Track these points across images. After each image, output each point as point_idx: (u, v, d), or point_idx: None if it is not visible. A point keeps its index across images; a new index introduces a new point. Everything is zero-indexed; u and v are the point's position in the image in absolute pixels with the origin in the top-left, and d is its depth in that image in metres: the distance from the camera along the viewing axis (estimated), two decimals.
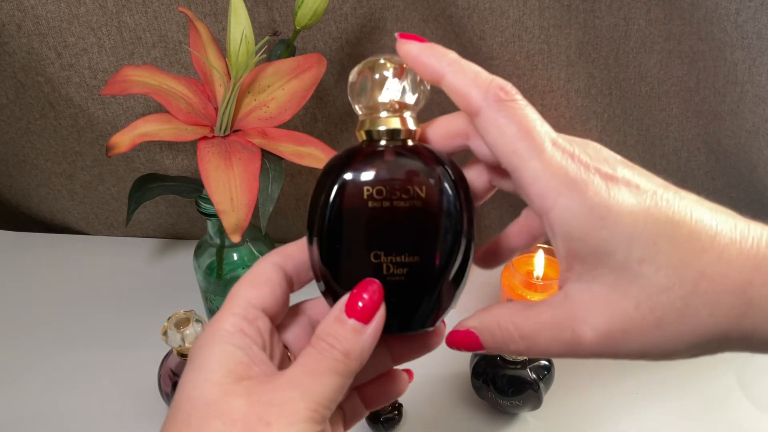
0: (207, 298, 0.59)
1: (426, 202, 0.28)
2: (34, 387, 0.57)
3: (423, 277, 0.29)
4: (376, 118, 0.29)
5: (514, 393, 0.50)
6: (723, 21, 0.53)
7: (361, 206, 0.28)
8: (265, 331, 0.28)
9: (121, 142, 0.46)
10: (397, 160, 0.28)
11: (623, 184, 0.25)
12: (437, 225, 0.28)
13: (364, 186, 0.28)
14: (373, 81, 0.29)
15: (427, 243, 0.28)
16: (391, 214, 0.28)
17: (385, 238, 0.28)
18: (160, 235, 0.76)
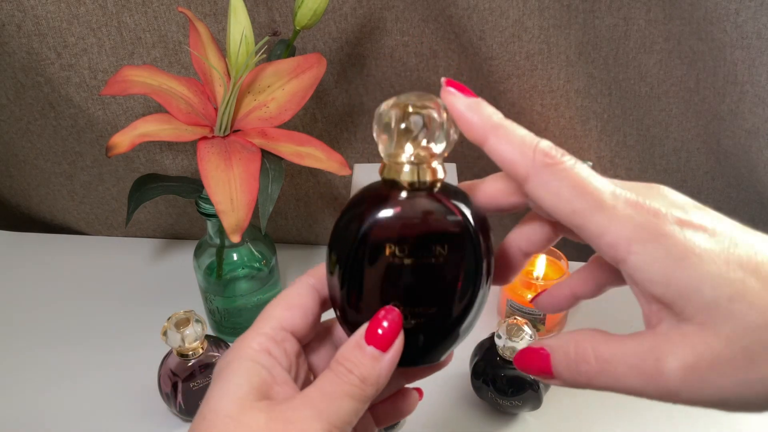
0: (207, 298, 0.59)
1: (447, 259, 0.28)
2: (34, 387, 0.57)
3: (439, 325, 0.29)
4: (401, 166, 0.28)
5: (514, 393, 0.50)
6: (723, 21, 0.53)
7: (382, 260, 0.28)
8: (291, 353, 0.29)
9: (120, 142, 0.46)
10: (420, 214, 0.28)
11: (699, 228, 0.25)
12: (456, 281, 0.28)
13: (386, 243, 0.27)
14: (400, 128, 0.28)
15: (446, 297, 0.29)
16: (413, 271, 0.28)
17: (404, 291, 0.28)
18: (160, 236, 0.76)
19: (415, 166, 0.28)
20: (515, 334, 0.49)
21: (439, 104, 0.28)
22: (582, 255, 0.75)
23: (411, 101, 0.28)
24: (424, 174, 0.28)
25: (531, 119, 0.63)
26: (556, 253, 0.60)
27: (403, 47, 0.62)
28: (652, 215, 0.24)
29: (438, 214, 0.28)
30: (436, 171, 0.28)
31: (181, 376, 0.50)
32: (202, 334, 0.50)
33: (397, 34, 0.61)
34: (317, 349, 0.32)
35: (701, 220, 0.25)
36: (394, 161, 0.28)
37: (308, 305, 0.30)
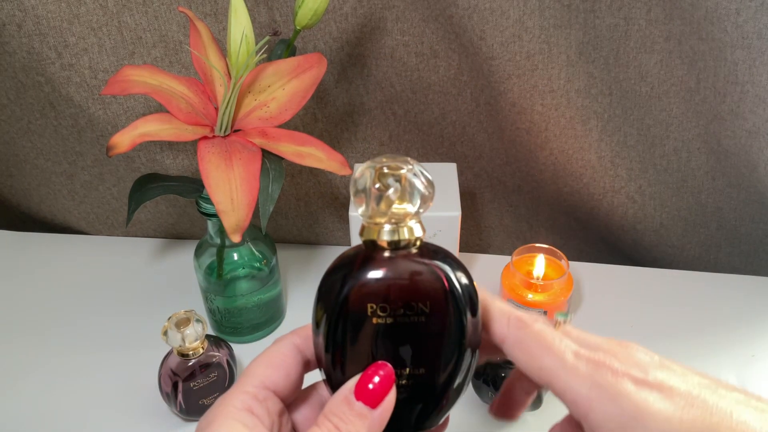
0: (207, 298, 0.59)
1: (430, 318, 0.28)
2: (34, 387, 0.57)
3: (428, 388, 0.29)
4: (380, 228, 0.29)
5: None
6: (723, 21, 0.53)
7: (366, 320, 0.28)
8: (274, 412, 0.29)
9: (121, 141, 0.46)
10: (401, 273, 0.28)
11: (655, 388, 0.26)
12: (441, 340, 0.28)
13: (368, 302, 0.28)
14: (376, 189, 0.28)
15: (432, 356, 0.28)
16: (395, 330, 0.28)
17: (388, 352, 0.28)
18: (161, 235, 0.76)
19: (393, 226, 0.28)
20: None
21: (413, 164, 0.29)
22: (582, 255, 0.76)
23: (384, 163, 0.28)
24: (403, 233, 0.28)
25: (531, 119, 0.63)
26: (557, 253, 0.60)
27: (403, 47, 0.62)
28: (611, 374, 0.26)
29: (418, 273, 0.28)
30: (413, 230, 0.29)
31: (182, 376, 0.50)
32: (202, 334, 0.50)
33: (398, 33, 0.61)
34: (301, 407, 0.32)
35: (660, 379, 0.26)
36: (372, 222, 0.29)
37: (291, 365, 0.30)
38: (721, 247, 0.70)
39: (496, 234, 0.77)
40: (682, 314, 0.63)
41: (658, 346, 0.60)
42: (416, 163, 0.29)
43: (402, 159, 0.29)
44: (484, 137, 0.68)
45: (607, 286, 0.67)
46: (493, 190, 0.73)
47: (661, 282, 0.67)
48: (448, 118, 0.67)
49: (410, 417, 0.29)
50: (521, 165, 0.69)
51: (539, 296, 0.58)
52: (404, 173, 0.28)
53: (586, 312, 0.64)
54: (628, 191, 0.68)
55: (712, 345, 0.60)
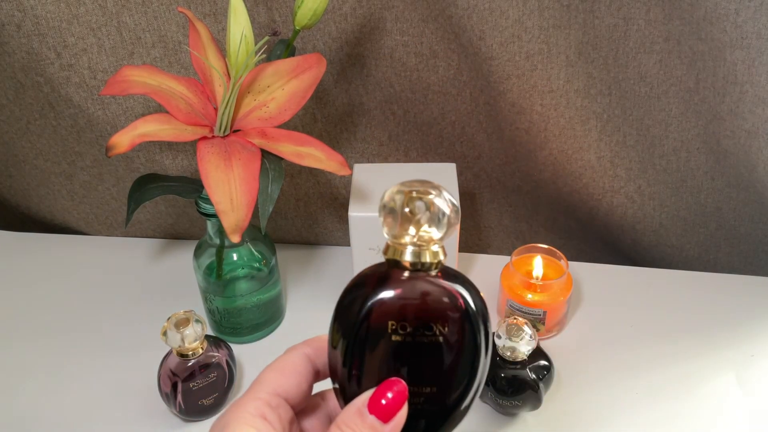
0: (206, 298, 0.59)
1: (447, 339, 0.29)
2: (34, 387, 0.57)
3: (438, 406, 0.30)
4: (404, 248, 0.30)
5: (514, 393, 0.50)
6: (722, 21, 0.53)
7: (384, 337, 0.29)
8: (285, 419, 0.30)
9: (120, 142, 0.46)
10: (422, 295, 0.29)
11: None
12: (457, 361, 0.30)
13: (389, 320, 0.29)
14: (404, 212, 0.30)
15: (445, 376, 0.30)
16: (413, 349, 0.29)
17: (404, 370, 0.29)
18: (160, 236, 0.76)
19: (417, 248, 0.30)
20: (515, 334, 0.49)
21: (441, 190, 0.30)
22: (581, 255, 0.76)
23: (415, 188, 0.30)
24: (425, 256, 0.30)
25: (531, 119, 0.63)
26: (556, 253, 0.60)
27: (402, 47, 0.62)
28: None
29: (438, 295, 0.29)
30: (437, 254, 0.30)
31: (181, 376, 0.50)
32: (201, 334, 0.50)
33: (397, 34, 0.61)
34: (310, 416, 0.33)
35: None
36: (397, 242, 0.30)
37: (302, 374, 0.31)
38: (720, 247, 0.70)
39: (495, 234, 0.77)
40: (682, 314, 0.63)
41: (657, 346, 0.60)
42: (444, 189, 0.30)
43: (432, 185, 0.30)
44: (484, 137, 0.68)
45: (606, 286, 0.67)
46: (493, 190, 0.73)
47: (660, 282, 0.67)
48: (447, 119, 0.67)
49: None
50: (520, 165, 0.69)
51: (539, 296, 0.58)
52: (433, 199, 0.30)
53: (586, 312, 0.64)
54: (627, 191, 0.68)
55: (711, 345, 0.60)
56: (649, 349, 0.59)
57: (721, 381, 0.56)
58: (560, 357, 0.58)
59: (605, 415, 0.54)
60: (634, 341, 0.60)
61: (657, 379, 0.57)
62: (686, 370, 0.57)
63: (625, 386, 0.56)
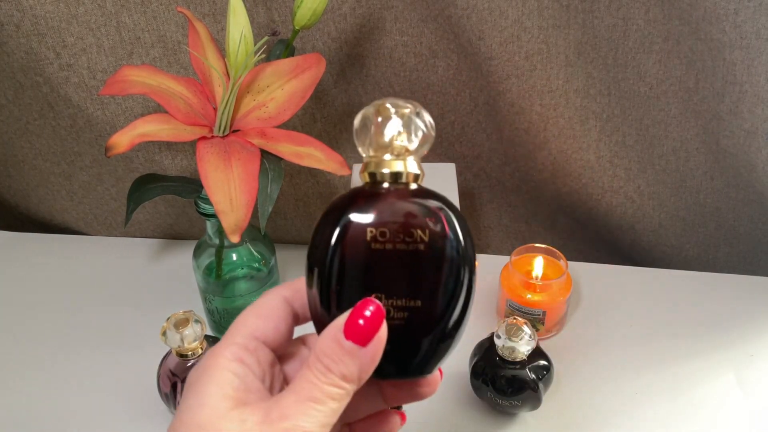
0: (206, 298, 0.59)
1: (429, 246, 0.28)
2: (34, 387, 0.57)
3: (423, 322, 0.29)
4: (380, 160, 0.29)
5: (513, 393, 0.50)
6: (722, 21, 0.53)
7: (363, 247, 0.28)
8: (264, 362, 0.29)
9: (120, 142, 0.45)
10: (400, 203, 0.28)
11: None
12: (440, 270, 0.28)
13: (367, 227, 0.28)
14: (377, 124, 0.29)
15: (429, 287, 0.28)
16: (394, 257, 0.28)
17: (386, 281, 0.28)
18: (159, 236, 0.76)
19: (394, 159, 0.29)
20: (515, 333, 0.49)
21: (415, 106, 0.30)
22: (581, 255, 0.76)
23: (389, 102, 0.29)
24: (402, 167, 0.29)
25: (530, 119, 0.63)
26: (556, 253, 0.60)
27: (402, 47, 0.62)
28: None
29: (419, 202, 0.29)
30: (414, 166, 0.30)
31: (181, 377, 0.50)
32: (201, 335, 0.50)
33: (396, 34, 0.61)
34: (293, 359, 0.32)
35: None
36: (371, 157, 0.30)
37: (280, 314, 0.30)
38: (719, 246, 0.71)
39: (494, 234, 0.77)
40: (681, 314, 0.63)
41: (657, 346, 0.60)
42: (418, 105, 0.30)
43: (407, 100, 0.30)
44: (483, 137, 0.68)
45: (605, 286, 0.67)
46: (492, 190, 0.73)
47: (659, 282, 0.67)
48: (446, 118, 0.67)
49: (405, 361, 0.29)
50: (520, 165, 0.69)
51: (538, 296, 0.58)
52: (407, 111, 0.29)
53: (585, 312, 0.64)
54: (626, 191, 0.68)
55: (710, 345, 0.60)
56: (648, 349, 0.59)
57: (720, 381, 0.56)
58: (560, 357, 0.58)
59: (605, 415, 0.54)
60: (633, 341, 0.60)
61: (656, 379, 0.57)
62: (686, 370, 0.57)
63: (625, 386, 0.56)
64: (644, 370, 0.57)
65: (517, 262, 0.61)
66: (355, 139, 0.30)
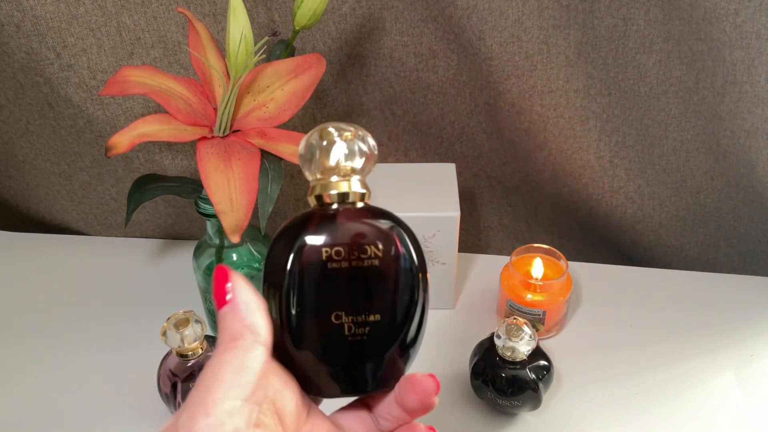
0: (206, 298, 0.59)
1: (383, 261, 0.29)
2: (34, 387, 0.57)
3: (385, 334, 0.30)
4: (327, 182, 0.30)
5: (514, 393, 0.50)
6: (722, 21, 0.53)
7: (320, 268, 0.29)
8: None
9: (120, 142, 0.45)
10: (351, 222, 0.29)
11: None
12: (396, 282, 0.29)
13: (322, 248, 0.29)
14: (321, 147, 0.30)
15: (387, 300, 0.29)
16: (351, 274, 0.29)
17: (345, 298, 0.29)
18: (160, 236, 0.76)
19: (341, 180, 0.30)
20: (515, 334, 0.49)
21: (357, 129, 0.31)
22: (581, 255, 0.76)
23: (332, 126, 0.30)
24: (349, 187, 0.30)
25: (530, 119, 0.63)
26: (556, 253, 0.60)
27: (402, 47, 0.62)
28: None
29: (366, 220, 0.30)
30: (360, 185, 0.31)
31: (181, 377, 0.50)
32: (201, 335, 0.50)
33: (397, 34, 0.61)
34: None
35: None
36: (318, 180, 0.31)
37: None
38: (719, 247, 0.71)
39: (495, 234, 0.77)
40: (681, 314, 0.63)
41: (657, 345, 0.60)
42: (360, 129, 0.31)
43: (348, 123, 0.31)
44: (483, 137, 0.68)
45: (605, 286, 0.67)
46: (492, 190, 0.73)
47: (659, 282, 0.67)
48: (446, 119, 0.67)
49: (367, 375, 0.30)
50: (520, 165, 0.69)
51: (538, 296, 0.58)
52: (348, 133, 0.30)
53: (586, 312, 0.64)
54: (626, 191, 0.68)
55: (710, 345, 0.60)
56: (648, 349, 0.59)
57: (720, 381, 0.56)
58: (560, 357, 0.58)
59: (605, 415, 0.54)
60: (633, 341, 0.60)
61: (657, 379, 0.57)
62: (686, 370, 0.57)
63: (625, 386, 0.56)
64: (644, 370, 0.57)
65: (517, 262, 0.61)
66: (300, 165, 0.31)
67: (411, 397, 0.30)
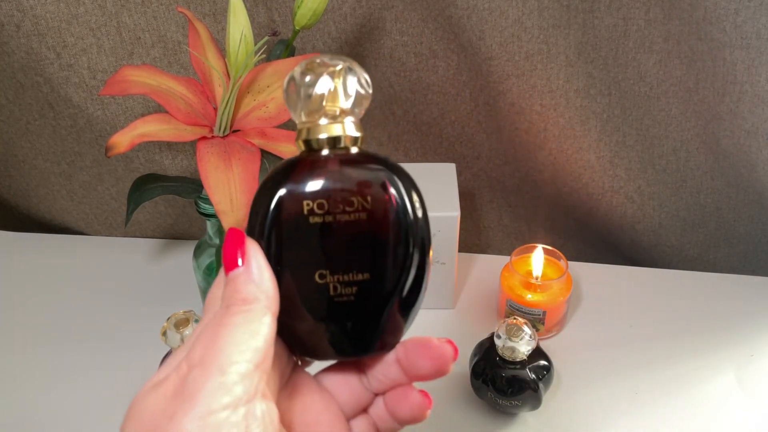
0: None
1: (372, 214, 0.26)
2: (34, 387, 0.57)
3: (374, 295, 0.27)
4: (315, 125, 0.27)
5: (514, 393, 0.50)
6: (722, 21, 0.53)
7: (301, 222, 0.26)
8: None
9: (120, 142, 0.45)
10: (339, 170, 0.26)
11: None
12: (386, 238, 0.26)
13: (303, 200, 0.26)
14: (308, 84, 0.27)
15: (377, 258, 0.27)
16: (335, 229, 0.26)
17: (329, 256, 0.26)
18: (160, 236, 0.76)
19: (330, 122, 0.27)
20: (515, 333, 0.49)
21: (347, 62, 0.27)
22: (581, 255, 0.76)
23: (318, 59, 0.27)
24: (340, 130, 0.27)
25: (530, 119, 0.63)
26: (556, 253, 0.60)
27: (402, 47, 0.62)
28: None
29: (357, 168, 0.27)
30: (352, 128, 0.27)
31: None
32: None
33: (397, 34, 0.61)
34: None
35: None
36: (307, 123, 0.27)
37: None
38: (719, 247, 0.71)
39: (495, 234, 0.77)
40: (681, 314, 0.63)
41: (657, 345, 0.60)
42: (351, 62, 0.27)
43: (337, 56, 0.27)
44: (483, 137, 0.68)
45: (605, 286, 0.67)
46: (492, 190, 0.73)
47: (659, 282, 0.67)
48: (447, 119, 0.67)
49: (361, 336, 0.28)
50: (520, 165, 0.69)
51: (538, 296, 0.58)
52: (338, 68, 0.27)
53: (586, 312, 0.64)
54: (627, 191, 0.68)
55: (710, 345, 0.60)
56: (648, 349, 0.59)
57: (720, 381, 0.56)
58: (560, 357, 0.58)
59: (605, 415, 0.54)
60: (633, 341, 0.60)
61: (657, 379, 0.57)
62: (686, 370, 0.57)
63: (625, 386, 0.56)
64: (645, 370, 0.57)
65: (517, 262, 0.61)
66: (286, 104, 0.28)
67: (424, 362, 0.28)
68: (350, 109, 0.27)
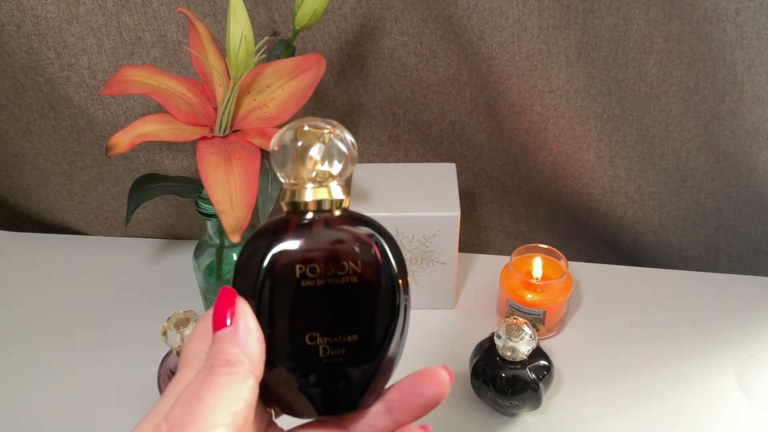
0: (206, 298, 0.59)
1: (362, 277, 0.27)
2: (34, 387, 0.57)
3: (362, 355, 0.27)
4: (302, 188, 0.28)
5: (514, 393, 0.50)
6: (722, 21, 0.53)
7: (293, 286, 0.26)
8: None
9: (120, 142, 0.46)
10: (327, 233, 0.27)
11: None
12: (375, 300, 0.27)
13: (296, 264, 0.26)
14: (296, 149, 0.27)
15: (365, 320, 0.27)
16: (327, 293, 0.27)
17: (320, 319, 0.27)
18: (160, 236, 0.76)
19: (317, 185, 0.28)
20: (515, 334, 0.49)
21: (335, 126, 0.28)
22: (581, 255, 0.76)
23: (308, 124, 0.28)
24: (326, 194, 0.28)
25: (530, 119, 0.63)
26: (556, 253, 0.60)
27: (402, 47, 0.62)
28: None
29: (347, 231, 0.27)
30: (339, 191, 0.28)
31: None
32: None
33: (397, 34, 0.61)
34: None
35: None
36: (293, 184, 0.28)
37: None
38: (720, 247, 0.71)
39: (495, 234, 0.77)
40: (681, 314, 0.63)
41: (657, 346, 0.60)
42: (338, 125, 0.28)
43: (325, 120, 0.28)
44: (484, 137, 0.68)
45: (606, 286, 0.67)
46: (493, 190, 0.73)
47: (660, 282, 0.67)
48: (447, 119, 0.67)
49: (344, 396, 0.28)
50: (520, 165, 0.69)
51: (538, 296, 0.58)
52: (325, 132, 0.27)
53: (586, 312, 0.64)
54: (627, 191, 0.68)
55: (710, 345, 0.60)
56: (649, 349, 0.59)
57: (720, 381, 0.56)
58: (560, 357, 0.58)
59: (605, 415, 0.54)
60: (634, 341, 0.60)
61: (657, 379, 0.57)
62: (686, 370, 0.57)
63: (625, 386, 0.56)
64: (645, 370, 0.57)
65: (517, 262, 0.61)
66: (273, 165, 0.28)
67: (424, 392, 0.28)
68: (337, 174, 0.28)
